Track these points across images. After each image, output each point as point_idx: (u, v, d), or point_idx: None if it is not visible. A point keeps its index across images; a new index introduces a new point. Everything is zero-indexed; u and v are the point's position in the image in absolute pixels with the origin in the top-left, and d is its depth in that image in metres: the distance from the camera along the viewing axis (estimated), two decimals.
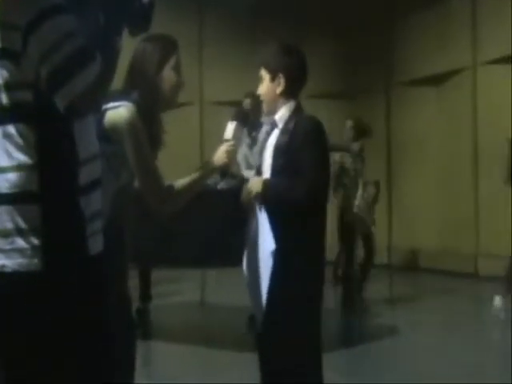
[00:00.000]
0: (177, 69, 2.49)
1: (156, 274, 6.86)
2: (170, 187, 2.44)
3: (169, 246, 4.86)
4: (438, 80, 9.40)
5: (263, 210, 2.79)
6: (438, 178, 6.87)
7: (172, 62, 2.47)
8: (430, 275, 6.47)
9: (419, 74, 9.60)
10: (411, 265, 9.01)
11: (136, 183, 2.48)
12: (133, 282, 2.79)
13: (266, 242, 2.75)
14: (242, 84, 8.50)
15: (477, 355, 5.20)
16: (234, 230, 3.78)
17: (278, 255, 2.71)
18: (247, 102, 6.38)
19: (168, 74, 2.45)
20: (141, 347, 4.49)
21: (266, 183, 2.79)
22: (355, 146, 6.66)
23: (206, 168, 2.58)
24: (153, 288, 6.74)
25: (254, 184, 2.82)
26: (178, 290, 7.93)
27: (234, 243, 4.08)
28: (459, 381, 4.31)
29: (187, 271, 8.66)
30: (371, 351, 5.14)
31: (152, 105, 2.41)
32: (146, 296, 6.57)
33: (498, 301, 6.28)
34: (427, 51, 9.42)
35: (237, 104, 6.92)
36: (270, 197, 2.78)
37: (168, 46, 2.49)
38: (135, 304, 6.10)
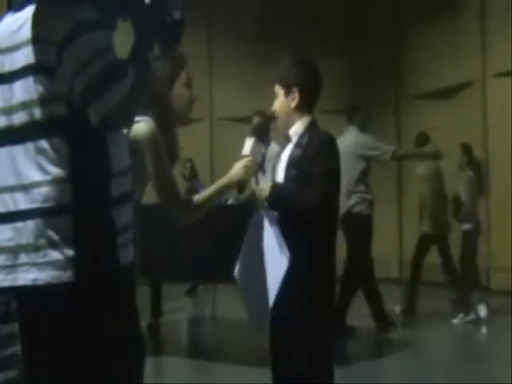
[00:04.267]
0: (188, 84, 2.48)
1: (166, 290, 6.86)
2: (189, 199, 2.44)
3: (175, 261, 4.85)
4: (447, 93, 9.39)
5: (275, 221, 2.78)
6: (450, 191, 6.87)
7: (182, 77, 2.46)
8: (440, 288, 6.42)
9: (429, 87, 9.60)
10: (422, 278, 8.96)
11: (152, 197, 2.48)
12: (141, 298, 2.79)
13: (276, 254, 2.73)
14: (251, 100, 8.55)
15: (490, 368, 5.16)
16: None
17: (290, 268, 2.69)
18: (256, 120, 6.45)
19: (180, 90, 2.46)
20: (152, 362, 4.50)
21: (273, 187, 2.81)
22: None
23: (224, 182, 2.56)
24: (163, 304, 6.74)
25: (262, 188, 2.84)
26: (188, 305, 7.91)
27: None
28: None
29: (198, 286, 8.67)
30: (384, 365, 5.11)
31: (167, 121, 2.42)
32: (157, 311, 6.58)
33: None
34: (436, 64, 9.43)
35: (246, 120, 6.96)
36: (277, 200, 2.79)
37: (176, 62, 2.48)
38: (146, 320, 6.12)
